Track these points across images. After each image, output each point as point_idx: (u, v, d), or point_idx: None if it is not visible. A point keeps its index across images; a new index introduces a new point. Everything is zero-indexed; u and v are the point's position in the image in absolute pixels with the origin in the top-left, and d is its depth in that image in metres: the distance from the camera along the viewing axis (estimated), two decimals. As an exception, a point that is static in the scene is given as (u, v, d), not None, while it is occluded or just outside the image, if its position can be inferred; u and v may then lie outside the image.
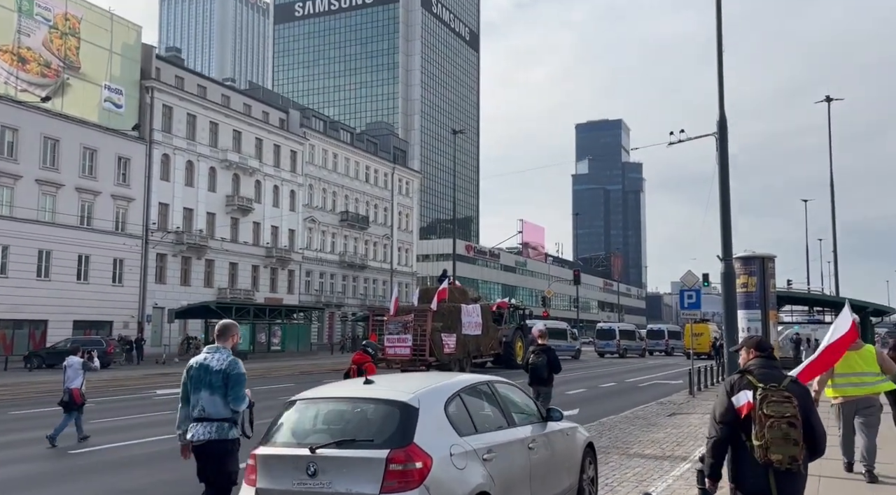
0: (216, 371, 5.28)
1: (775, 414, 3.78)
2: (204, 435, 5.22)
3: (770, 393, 3.86)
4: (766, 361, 4.14)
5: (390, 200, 76.03)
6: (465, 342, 28.65)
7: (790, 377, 4.10)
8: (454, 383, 5.41)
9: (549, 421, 6.29)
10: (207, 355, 5.43)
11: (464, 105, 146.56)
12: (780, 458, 3.75)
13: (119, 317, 45.48)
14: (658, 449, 10.49)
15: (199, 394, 5.30)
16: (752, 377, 4.01)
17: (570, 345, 47.17)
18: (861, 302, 29.69)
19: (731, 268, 19.71)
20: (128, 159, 46.52)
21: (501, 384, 6.13)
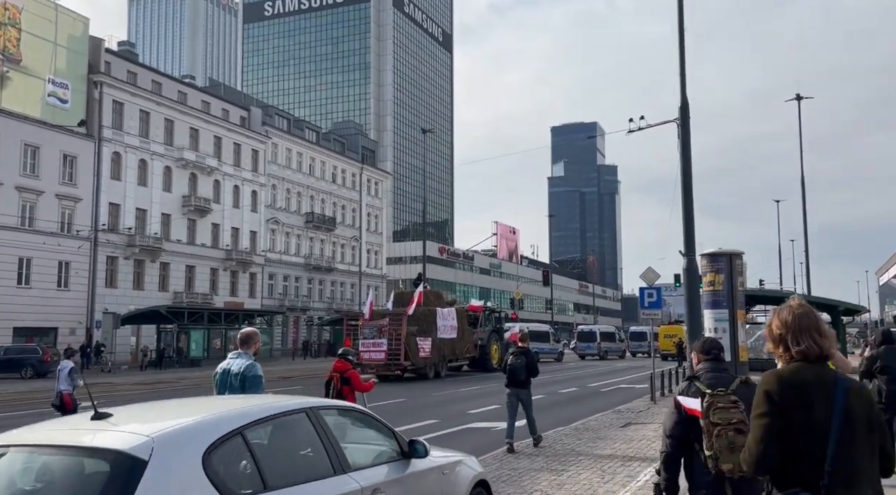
0: (235, 374, 5.66)
1: (721, 421, 3.56)
2: None
3: (716, 399, 3.64)
4: (715, 364, 3.98)
5: (359, 201, 74.21)
6: (440, 346, 28.43)
7: (740, 379, 3.88)
8: (234, 415, 3.58)
9: (413, 458, 4.59)
10: (230, 360, 5.84)
11: (437, 106, 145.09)
12: (730, 467, 3.50)
13: (65, 324, 43.17)
14: (598, 471, 8.92)
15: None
16: (700, 383, 3.83)
17: (553, 347, 47.06)
18: (832, 300, 28.56)
19: (694, 263, 18.28)
20: (74, 157, 44.27)
21: (331, 411, 4.36)
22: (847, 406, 2.50)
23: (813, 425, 2.49)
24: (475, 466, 5.46)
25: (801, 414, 2.50)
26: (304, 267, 65.17)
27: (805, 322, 2.66)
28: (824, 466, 2.44)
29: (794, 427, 2.50)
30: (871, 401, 2.64)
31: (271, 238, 61.74)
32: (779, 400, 2.54)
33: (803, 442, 2.48)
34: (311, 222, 65.65)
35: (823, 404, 2.50)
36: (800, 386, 2.55)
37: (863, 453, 2.49)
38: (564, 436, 12.16)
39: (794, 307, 2.72)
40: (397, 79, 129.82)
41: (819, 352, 2.64)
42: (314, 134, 70.46)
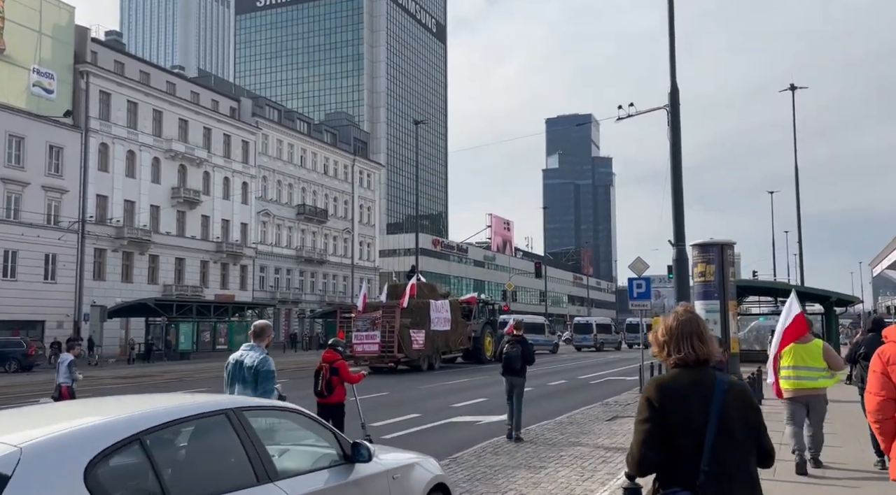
0: (248, 367, 5.73)
1: None
2: None
3: None
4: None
5: (351, 193, 73.69)
6: (433, 338, 28.45)
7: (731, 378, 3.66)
8: (132, 419, 3.07)
9: (357, 463, 4.11)
10: (243, 352, 5.90)
11: (431, 98, 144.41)
12: None
13: (52, 317, 42.68)
14: (578, 468, 8.57)
15: (233, 388, 5.77)
16: None
17: (548, 339, 47.31)
18: (824, 291, 28.24)
19: (684, 253, 17.95)
20: (60, 148, 43.67)
21: (258, 412, 3.81)
22: (723, 408, 2.63)
23: (691, 427, 2.61)
24: (433, 468, 5.05)
25: (680, 417, 2.62)
26: (296, 259, 64.71)
27: (687, 328, 2.77)
28: (700, 465, 2.57)
29: (673, 430, 2.62)
30: (749, 403, 2.74)
31: (262, 230, 61.23)
32: (658, 406, 2.66)
33: (682, 443, 2.59)
34: (302, 214, 65.15)
35: (701, 407, 2.61)
36: (678, 391, 2.67)
37: (738, 451, 2.63)
38: (547, 431, 11.82)
39: (680, 314, 2.83)
40: (391, 70, 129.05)
41: (697, 357, 2.74)
42: (305, 125, 69.87)
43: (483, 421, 13.55)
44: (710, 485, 2.57)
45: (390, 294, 29.76)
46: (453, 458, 9.27)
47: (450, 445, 10.55)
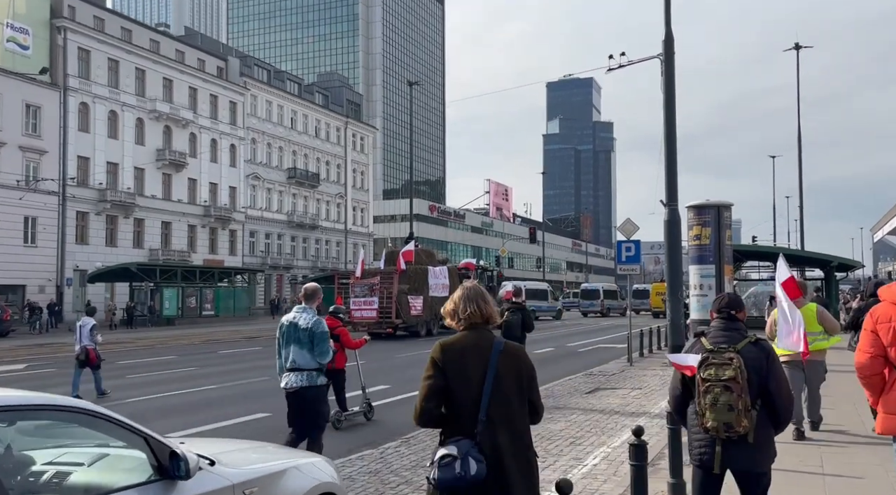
0: (303, 328, 6.03)
1: (711, 377, 3.52)
2: (296, 382, 6.03)
3: (712, 356, 3.58)
4: (725, 323, 3.82)
5: (344, 157, 72.17)
6: (432, 304, 28.43)
7: (750, 339, 3.69)
8: None
9: (180, 480, 3.02)
10: (296, 314, 6.17)
11: (429, 60, 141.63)
12: (714, 426, 3.48)
13: (33, 281, 41.65)
14: (541, 452, 7.50)
15: (289, 348, 6.09)
16: (705, 339, 3.75)
17: (551, 305, 47.60)
18: (825, 255, 27.15)
19: (676, 214, 16.72)
20: (38, 107, 42.16)
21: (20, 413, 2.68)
22: (499, 367, 2.93)
23: (470, 383, 2.92)
24: (319, 474, 3.93)
25: (460, 374, 2.94)
26: (287, 224, 63.50)
27: (471, 293, 3.09)
28: (478, 415, 2.89)
29: (454, 385, 2.93)
30: (522, 362, 3.02)
31: (252, 194, 59.91)
32: (441, 364, 2.97)
33: (462, 397, 2.92)
34: (293, 178, 63.76)
35: (479, 365, 2.93)
36: (459, 351, 2.98)
37: (510, 405, 2.93)
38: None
39: (467, 287, 3.15)
40: (387, 31, 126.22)
41: (482, 315, 3.04)
42: (296, 86, 68.04)
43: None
44: (487, 433, 2.87)
45: (388, 260, 29.83)
46: (405, 440, 8.21)
47: (406, 423, 9.49)
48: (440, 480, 2.84)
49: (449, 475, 2.83)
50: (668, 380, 13.30)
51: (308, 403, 6.05)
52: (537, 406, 3.09)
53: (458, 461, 2.82)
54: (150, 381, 14.11)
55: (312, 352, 6.02)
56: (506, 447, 2.89)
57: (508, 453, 2.89)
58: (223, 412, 10.52)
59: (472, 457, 2.83)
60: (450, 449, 2.86)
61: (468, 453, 2.83)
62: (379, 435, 8.89)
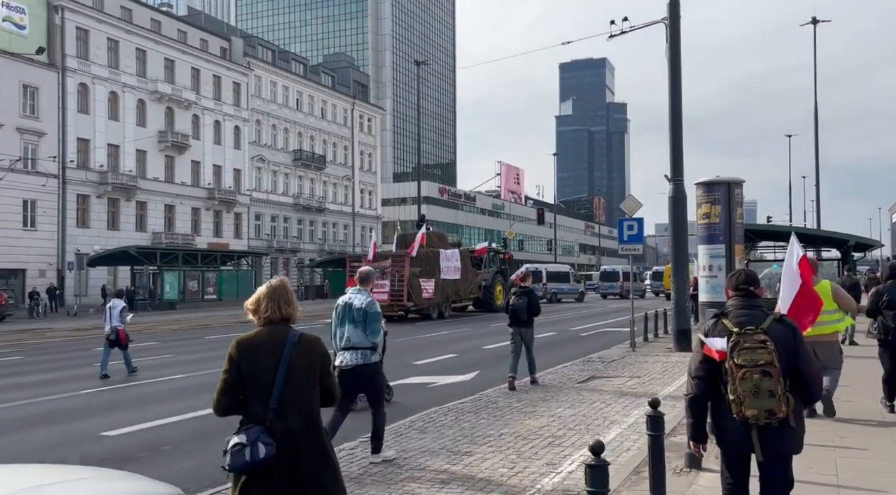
0: (358, 308, 6.43)
1: (747, 363, 3.34)
2: (351, 361, 6.33)
3: (743, 338, 3.39)
4: (745, 301, 3.63)
5: (351, 138, 71.18)
6: (443, 287, 28.69)
7: (773, 317, 3.54)
8: None
9: None
10: (351, 295, 6.58)
11: (439, 41, 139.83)
12: (755, 413, 3.32)
13: (34, 265, 41.21)
14: (513, 454, 6.61)
15: (344, 327, 6.44)
16: (727, 320, 3.55)
17: (573, 287, 47.33)
18: (843, 234, 25.97)
19: (682, 189, 15.69)
20: (35, 88, 41.49)
21: None
22: (291, 358, 3.14)
23: (263, 374, 3.13)
24: None
25: (253, 367, 3.15)
26: (293, 207, 62.75)
27: (274, 294, 3.28)
28: (269, 404, 3.08)
29: (248, 378, 3.14)
30: (315, 353, 3.23)
31: (257, 176, 59.16)
32: (237, 359, 3.17)
33: (256, 388, 3.13)
34: (299, 160, 62.92)
35: (272, 358, 3.14)
36: (254, 346, 3.19)
37: (301, 392, 3.14)
38: (504, 396, 9.86)
39: (273, 282, 3.34)
40: (396, 12, 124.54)
41: (281, 315, 3.26)
42: (301, 66, 66.97)
43: (438, 383, 11.65)
44: (277, 420, 3.07)
45: (400, 243, 29.91)
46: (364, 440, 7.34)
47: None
48: (231, 466, 3.02)
49: (239, 461, 3.00)
50: (670, 367, 12.36)
51: (364, 379, 6.37)
52: (332, 391, 3.30)
53: (248, 448, 2.99)
54: (119, 370, 13.34)
55: (366, 330, 6.35)
56: (299, 431, 3.09)
57: (302, 437, 3.09)
58: (177, 406, 9.68)
59: (262, 442, 3.01)
60: (240, 438, 3.03)
61: (258, 439, 3.01)
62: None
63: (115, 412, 9.48)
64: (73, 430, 8.40)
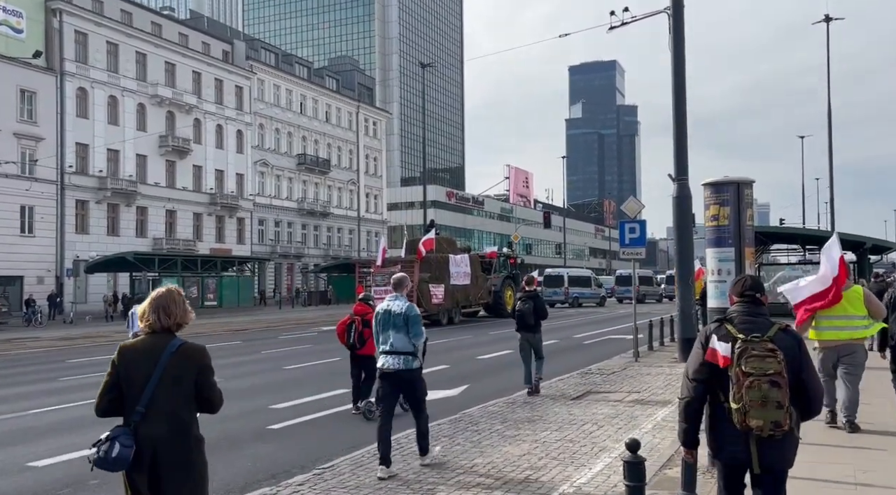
0: (398, 313, 6.51)
1: (755, 371, 3.20)
2: (393, 365, 6.45)
3: (751, 346, 3.26)
4: (750, 307, 3.52)
5: (356, 142, 70.47)
6: (453, 292, 28.53)
7: (779, 326, 3.42)
8: None
9: None
10: (389, 302, 6.65)
11: (447, 44, 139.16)
12: (760, 424, 3.18)
13: (31, 272, 40.62)
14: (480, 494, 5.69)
15: (387, 333, 6.52)
16: (731, 326, 3.43)
17: (594, 292, 47.27)
18: (859, 236, 24.92)
19: (686, 189, 14.71)
20: (33, 93, 40.98)
21: None
22: (167, 366, 3.28)
23: (138, 380, 3.28)
24: None
25: (131, 373, 3.32)
26: (297, 211, 62.06)
27: (156, 304, 3.40)
28: (137, 408, 3.25)
29: (124, 383, 3.32)
30: (195, 362, 3.34)
31: (260, 181, 58.52)
32: (118, 363, 3.36)
33: (130, 392, 3.29)
34: (303, 164, 62.23)
35: (149, 365, 3.29)
36: (134, 353, 3.35)
37: (174, 398, 3.27)
38: (487, 416, 8.93)
39: (158, 295, 3.44)
40: (403, 15, 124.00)
41: (161, 325, 3.38)
42: (305, 69, 66.36)
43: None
44: (143, 423, 3.22)
45: (409, 248, 29.68)
46: (321, 472, 6.47)
47: (347, 443, 7.83)
48: (93, 462, 3.20)
49: (96, 458, 3.19)
50: (673, 381, 11.37)
51: (406, 384, 6.51)
52: (212, 400, 3.38)
53: (105, 446, 3.18)
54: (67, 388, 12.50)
55: (408, 335, 6.45)
56: (162, 437, 3.22)
57: (165, 442, 3.22)
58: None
59: (119, 443, 3.17)
60: (104, 436, 3.21)
61: (116, 438, 3.18)
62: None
63: (54, 436, 8.63)
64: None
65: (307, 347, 19.86)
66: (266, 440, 8.15)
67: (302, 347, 19.92)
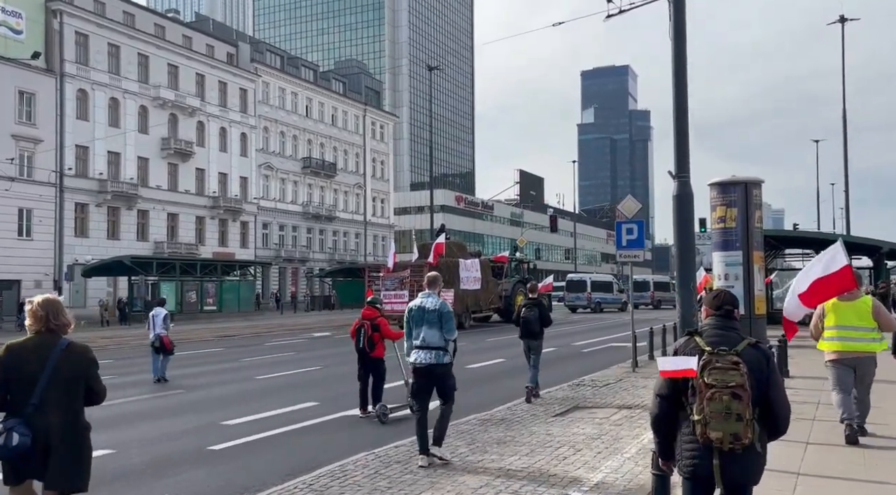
0: (431, 310, 6.79)
1: (717, 383, 3.20)
2: (426, 359, 6.75)
3: (714, 358, 3.27)
4: (722, 321, 3.50)
5: (362, 146, 69.76)
6: (463, 297, 28.42)
7: (748, 341, 3.40)
8: None
9: None
10: (422, 299, 6.93)
11: (457, 49, 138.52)
12: (719, 436, 3.16)
13: (29, 275, 40.05)
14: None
15: (420, 329, 6.81)
16: (700, 339, 3.43)
17: (616, 297, 47.24)
18: (875, 241, 23.79)
19: (688, 187, 13.65)
20: (32, 94, 40.52)
21: None
22: (57, 362, 3.66)
23: (27, 376, 3.63)
24: None
25: (18, 369, 3.65)
26: (303, 215, 61.36)
27: (49, 306, 3.78)
28: (31, 400, 3.60)
29: (13, 378, 3.65)
30: (84, 357, 3.79)
31: (264, 184, 57.88)
32: (4, 361, 3.67)
33: (19, 388, 3.63)
34: (308, 168, 61.56)
35: (39, 362, 3.64)
36: (22, 351, 3.70)
37: (65, 392, 3.66)
38: (452, 437, 7.98)
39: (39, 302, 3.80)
40: (413, 19, 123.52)
41: (49, 326, 3.74)
42: (311, 72, 65.76)
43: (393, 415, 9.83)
44: (37, 414, 3.58)
45: (421, 253, 29.44)
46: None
47: (290, 467, 6.94)
48: None
49: None
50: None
51: (437, 378, 6.73)
52: (97, 391, 3.82)
53: (3, 436, 3.51)
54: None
55: (441, 330, 6.70)
56: (56, 426, 3.59)
57: (57, 430, 3.59)
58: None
59: (17, 432, 3.52)
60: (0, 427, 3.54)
61: (13, 428, 3.53)
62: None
63: None
64: None
65: (290, 355, 19.00)
66: (200, 464, 7.25)
67: (285, 355, 19.06)
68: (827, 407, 7.87)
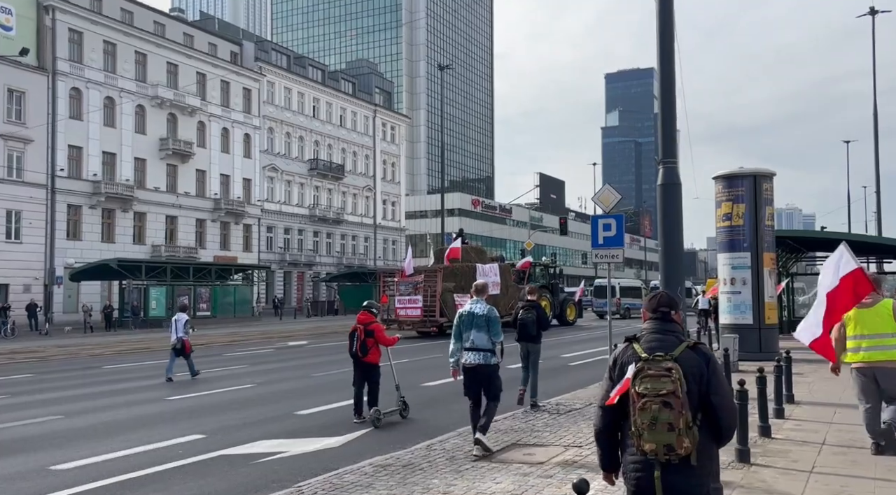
0: (480, 315, 7.37)
1: (647, 391, 2.98)
2: (474, 360, 7.27)
3: (647, 365, 3.05)
4: (660, 324, 3.27)
5: (372, 147, 68.11)
6: None
7: (687, 344, 3.13)
8: None
9: None
10: (472, 306, 7.51)
11: (476, 51, 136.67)
12: (653, 447, 2.98)
13: (18, 279, 38.89)
14: None
15: (469, 332, 7.36)
16: (638, 345, 3.22)
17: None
18: (909, 242, 21.33)
19: (675, 174, 11.46)
20: (22, 93, 39.43)
21: None
22: None
23: None
24: None
25: None
26: (309, 218, 59.81)
27: None
28: None
29: None
30: None
31: (269, 186, 56.43)
32: None
33: None
34: (315, 169, 60.03)
35: None
36: None
37: None
38: (327, 491, 5.99)
39: None
40: (431, 21, 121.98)
41: None
42: (319, 72, 64.30)
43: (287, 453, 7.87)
44: None
45: (438, 258, 29.30)
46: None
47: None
48: None
49: None
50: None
51: (484, 378, 7.26)
52: None
53: None
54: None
55: (489, 333, 7.29)
56: None
57: None
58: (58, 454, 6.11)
59: None
60: None
61: None
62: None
63: None
64: None
65: (241, 368, 17.07)
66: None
67: (237, 368, 17.13)
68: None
